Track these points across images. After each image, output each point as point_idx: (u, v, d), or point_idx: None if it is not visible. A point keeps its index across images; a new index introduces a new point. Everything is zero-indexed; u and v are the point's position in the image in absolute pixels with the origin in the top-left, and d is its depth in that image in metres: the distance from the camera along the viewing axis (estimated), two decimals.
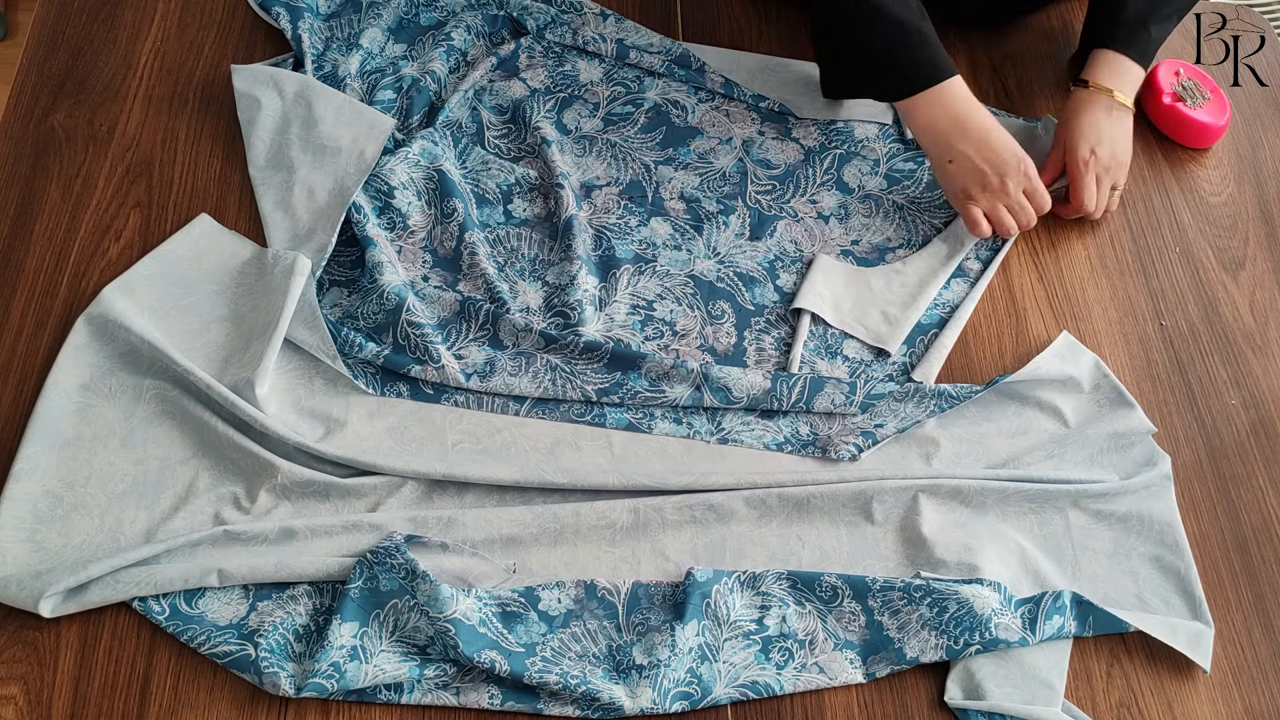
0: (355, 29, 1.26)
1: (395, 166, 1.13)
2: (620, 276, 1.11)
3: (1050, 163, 1.20)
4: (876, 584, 0.93)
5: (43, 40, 1.23)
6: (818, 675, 0.91)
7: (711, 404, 1.03)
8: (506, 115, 1.22)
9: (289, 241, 1.09)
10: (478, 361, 1.04)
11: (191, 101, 1.20)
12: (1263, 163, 1.28)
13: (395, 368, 1.02)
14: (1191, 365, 1.12)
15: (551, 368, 1.03)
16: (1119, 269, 1.18)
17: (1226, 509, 1.03)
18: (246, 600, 0.90)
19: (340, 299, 1.07)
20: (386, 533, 0.92)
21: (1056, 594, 0.94)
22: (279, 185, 1.13)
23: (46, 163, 1.14)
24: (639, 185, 1.18)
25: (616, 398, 1.02)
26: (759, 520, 0.98)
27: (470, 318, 1.06)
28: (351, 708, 0.87)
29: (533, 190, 1.17)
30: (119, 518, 0.93)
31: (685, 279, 1.12)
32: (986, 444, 1.04)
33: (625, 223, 1.15)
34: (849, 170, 1.21)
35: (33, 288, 1.05)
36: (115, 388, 0.99)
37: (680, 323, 1.09)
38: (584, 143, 1.21)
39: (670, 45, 1.28)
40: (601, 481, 0.97)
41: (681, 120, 1.23)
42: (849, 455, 1.01)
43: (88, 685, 0.86)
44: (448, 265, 1.10)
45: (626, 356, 1.03)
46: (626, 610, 0.92)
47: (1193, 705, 0.93)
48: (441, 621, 0.87)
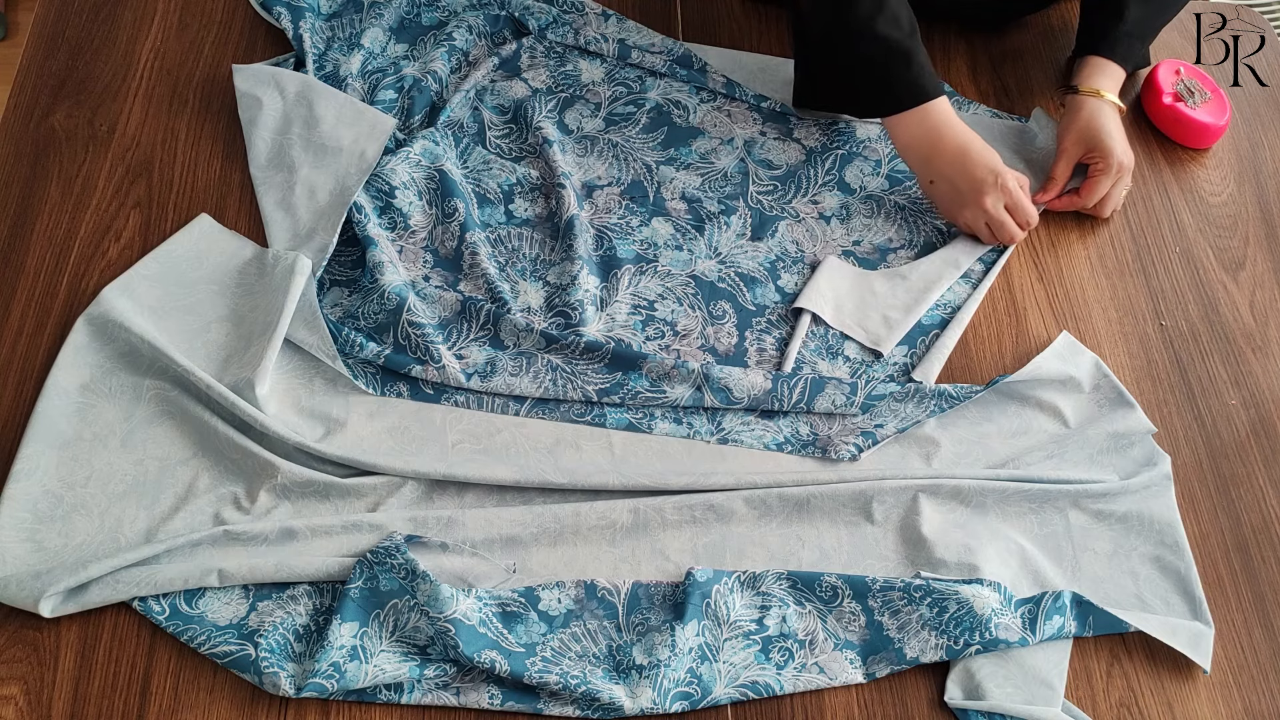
0: (357, 29, 1.26)
1: (396, 166, 1.13)
2: (621, 276, 1.11)
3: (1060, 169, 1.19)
4: (876, 584, 0.93)
5: (43, 40, 1.23)
6: (818, 675, 0.91)
7: (712, 404, 1.03)
8: (508, 115, 1.22)
9: (290, 241, 1.09)
10: (478, 361, 1.04)
11: (191, 101, 1.20)
12: (1263, 163, 1.28)
13: (396, 367, 1.02)
14: (1191, 365, 1.12)
15: (552, 368, 1.03)
16: (1119, 269, 1.18)
17: (1226, 509, 1.03)
18: (246, 600, 0.90)
19: (341, 299, 1.07)
20: (386, 533, 0.92)
21: (1056, 594, 0.94)
22: (280, 185, 1.13)
23: (46, 163, 1.14)
24: (640, 185, 1.18)
25: (617, 398, 1.02)
26: (759, 520, 0.98)
27: (471, 318, 1.06)
28: (351, 708, 0.87)
29: (534, 190, 1.17)
30: (119, 518, 0.93)
31: (686, 279, 1.12)
32: (986, 444, 1.04)
33: (627, 223, 1.15)
34: (851, 171, 1.21)
35: (33, 288, 1.05)
36: (115, 388, 0.99)
37: (681, 323, 1.09)
38: (585, 143, 1.21)
39: (672, 45, 1.28)
40: (601, 481, 0.97)
41: (683, 120, 1.23)
42: (849, 455, 1.01)
43: (88, 685, 0.86)
44: (449, 265, 1.10)
45: (627, 357, 1.03)
46: (626, 610, 0.92)
47: (1193, 705, 0.93)
48: (441, 621, 0.87)
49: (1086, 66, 1.21)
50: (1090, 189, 1.17)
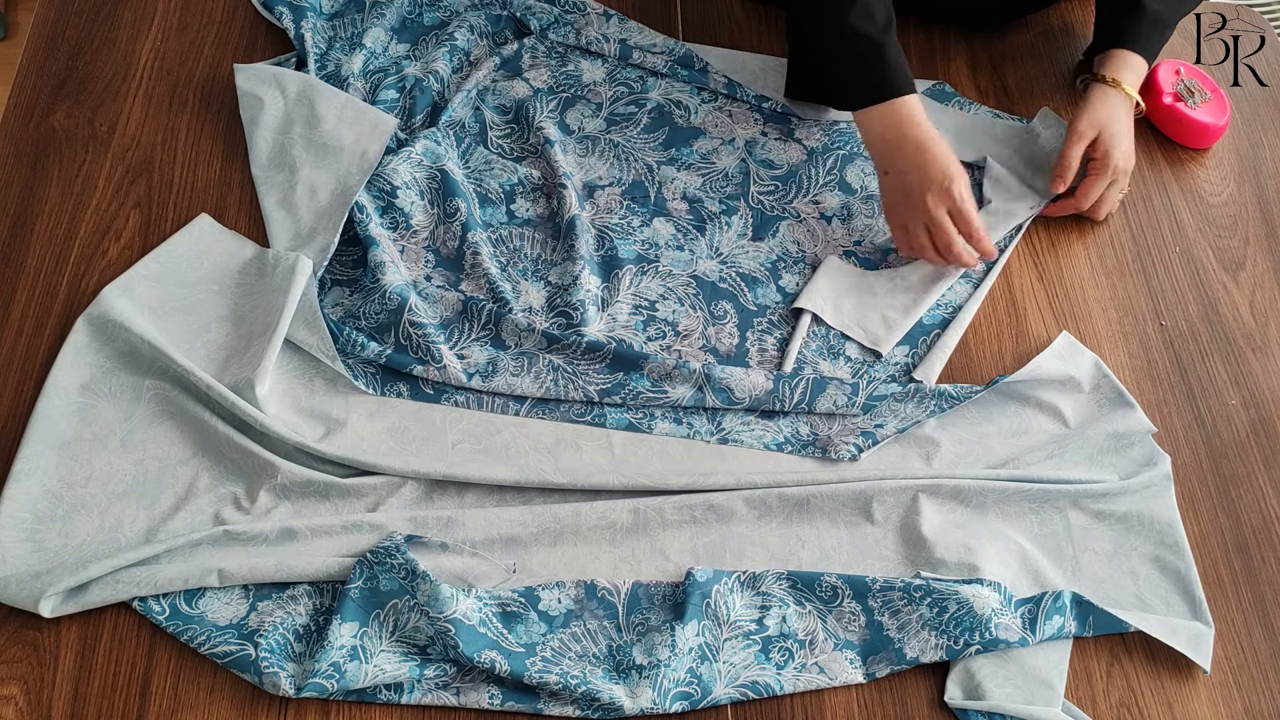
0: (358, 28, 1.26)
1: (398, 166, 1.13)
2: (623, 277, 1.11)
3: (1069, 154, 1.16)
4: (876, 584, 0.93)
5: (43, 40, 1.23)
6: (818, 675, 0.91)
7: (714, 404, 1.03)
8: (509, 115, 1.22)
9: (291, 241, 1.09)
10: (480, 361, 1.04)
11: (191, 101, 1.20)
12: (1263, 163, 1.28)
13: (397, 367, 1.02)
14: (1191, 365, 1.12)
15: (554, 368, 1.03)
16: (1119, 269, 1.18)
17: (1226, 509, 1.03)
18: (246, 600, 0.90)
19: (342, 298, 1.07)
20: (386, 533, 0.92)
21: (1056, 594, 0.94)
22: (281, 185, 1.13)
23: (46, 163, 1.14)
24: (641, 185, 1.18)
25: (618, 398, 1.02)
26: (759, 520, 0.98)
27: (473, 317, 1.06)
28: (351, 708, 0.87)
29: (535, 190, 1.16)
30: (119, 518, 0.93)
31: (688, 279, 1.12)
32: (986, 444, 1.04)
33: (628, 223, 1.15)
34: (851, 170, 1.21)
35: (33, 288, 1.05)
36: (115, 388, 0.99)
37: (683, 323, 1.09)
38: (587, 143, 1.21)
39: (673, 45, 1.28)
40: (601, 481, 0.97)
41: (684, 120, 1.23)
42: (849, 455, 1.01)
43: (88, 685, 0.86)
44: (450, 265, 1.10)
45: (629, 357, 1.03)
46: (626, 610, 0.92)
47: (1193, 705, 0.93)
48: (441, 621, 0.87)
49: (1110, 58, 1.20)
50: (1086, 189, 1.17)
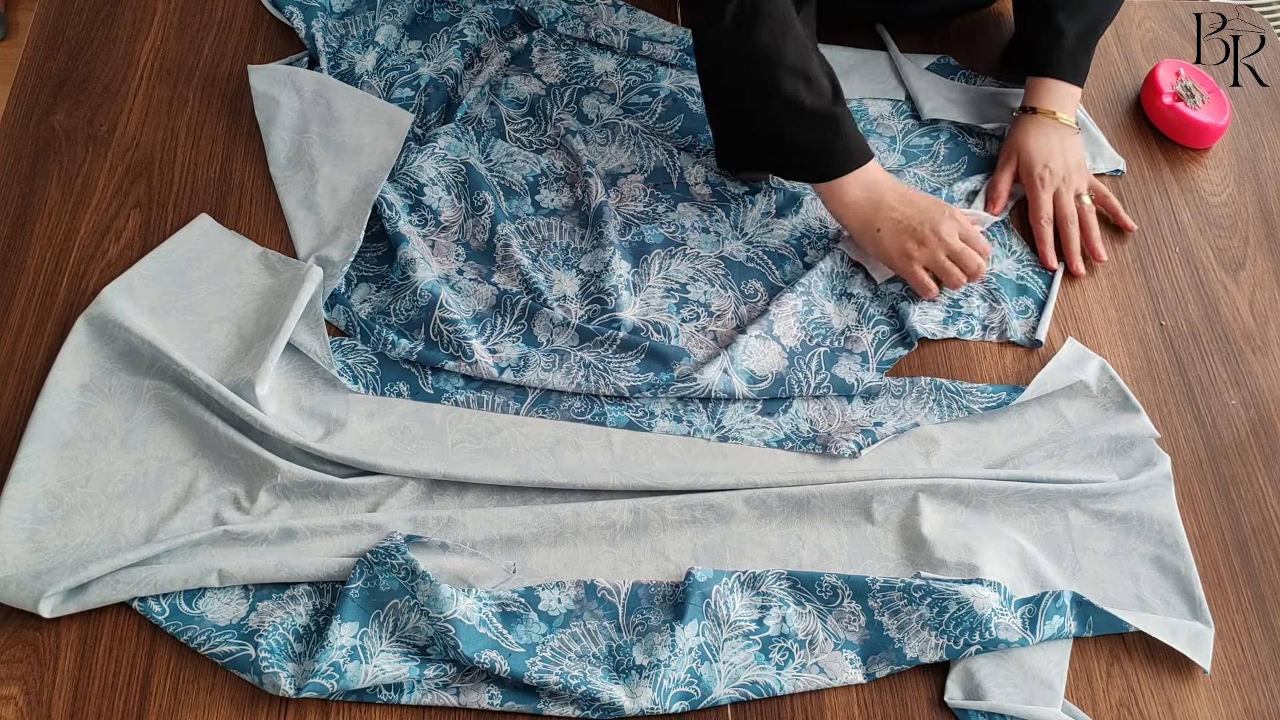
0: (370, 26, 1.26)
1: (423, 163, 1.14)
2: (652, 261, 1.12)
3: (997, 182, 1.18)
4: (876, 584, 0.93)
5: (43, 40, 1.23)
6: (818, 675, 0.91)
7: (743, 393, 1.03)
8: (524, 108, 1.23)
9: (315, 239, 1.10)
10: (511, 357, 1.04)
11: (191, 101, 1.20)
12: (1263, 163, 1.28)
13: (430, 363, 1.03)
14: (1191, 365, 1.12)
15: (585, 365, 1.04)
16: (1119, 269, 1.18)
17: (1226, 509, 1.03)
18: (246, 600, 0.90)
19: (370, 295, 1.08)
20: (386, 533, 0.92)
21: (1056, 594, 0.94)
22: (301, 184, 1.13)
23: (46, 163, 1.14)
24: (664, 172, 1.19)
25: (649, 393, 1.03)
26: (759, 520, 0.98)
27: (507, 311, 1.06)
28: (351, 708, 0.87)
29: (559, 180, 1.17)
30: (119, 518, 0.93)
31: (715, 260, 1.13)
32: (987, 443, 1.04)
33: (653, 209, 1.16)
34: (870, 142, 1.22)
35: (33, 288, 1.05)
36: (115, 388, 0.99)
37: (715, 303, 1.10)
38: (606, 131, 1.21)
39: (682, 35, 1.29)
40: (601, 481, 0.97)
41: (698, 107, 1.24)
42: (849, 452, 1.01)
43: (88, 685, 0.86)
44: (482, 258, 1.11)
45: (661, 354, 1.04)
46: (626, 610, 0.92)
47: (1193, 705, 0.93)
48: (441, 621, 0.87)
49: (1037, 87, 1.19)
50: (1034, 205, 1.16)
